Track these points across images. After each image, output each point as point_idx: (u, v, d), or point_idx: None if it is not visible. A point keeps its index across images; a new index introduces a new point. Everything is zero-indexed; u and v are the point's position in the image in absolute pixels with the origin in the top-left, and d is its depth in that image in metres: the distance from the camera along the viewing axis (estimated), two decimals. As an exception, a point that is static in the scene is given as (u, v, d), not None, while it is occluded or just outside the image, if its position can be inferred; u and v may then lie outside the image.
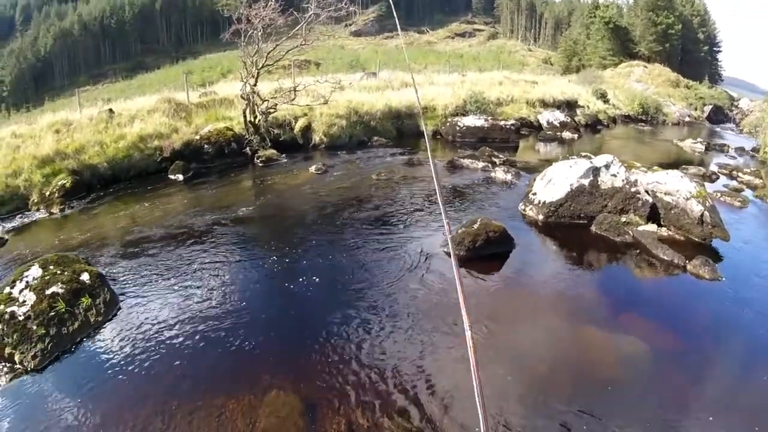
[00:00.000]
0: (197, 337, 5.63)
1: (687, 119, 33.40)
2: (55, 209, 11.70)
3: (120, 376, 5.08)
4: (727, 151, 20.27)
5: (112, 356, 5.45)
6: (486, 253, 7.47)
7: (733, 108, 41.50)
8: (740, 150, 20.52)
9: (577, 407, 4.56)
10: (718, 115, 37.54)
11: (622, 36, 58.90)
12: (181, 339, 5.63)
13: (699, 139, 21.45)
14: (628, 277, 7.47)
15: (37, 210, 11.87)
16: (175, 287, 6.91)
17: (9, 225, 11.03)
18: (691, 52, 57.73)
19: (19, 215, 11.69)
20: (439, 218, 9.15)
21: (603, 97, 28.66)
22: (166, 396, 4.70)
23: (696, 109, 37.62)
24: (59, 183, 12.39)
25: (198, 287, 6.86)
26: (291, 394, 4.62)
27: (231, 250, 8.12)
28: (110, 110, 16.69)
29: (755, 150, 20.33)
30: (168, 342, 5.59)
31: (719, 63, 65.96)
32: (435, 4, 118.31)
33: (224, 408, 4.48)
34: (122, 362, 5.31)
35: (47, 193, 12.15)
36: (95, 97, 25.50)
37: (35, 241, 9.76)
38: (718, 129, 30.86)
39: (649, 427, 4.43)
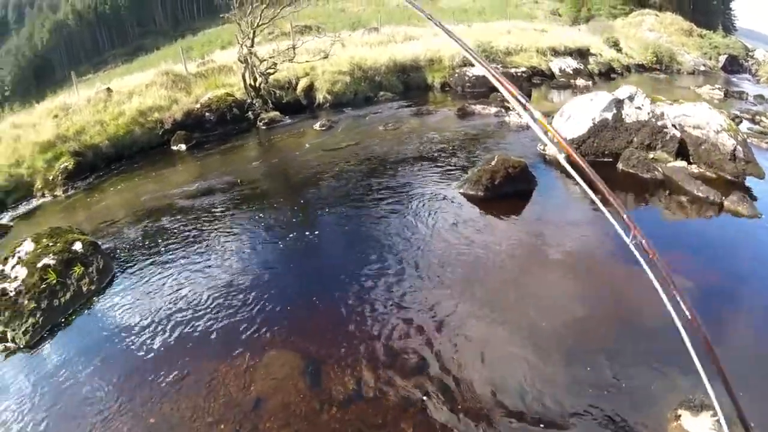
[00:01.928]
0: (192, 301, 5.32)
1: (702, 68, 31.93)
2: (59, 192, 11.62)
3: (109, 346, 4.85)
4: (746, 99, 19.28)
5: (103, 326, 5.23)
6: (506, 191, 6.98)
7: (749, 58, 40.02)
8: (760, 98, 19.54)
9: (614, 349, 4.13)
10: (734, 65, 35.87)
11: (631, -16, 57.55)
12: (174, 304, 5.33)
13: (717, 86, 20.41)
14: (662, 215, 6.92)
15: (42, 195, 11.80)
16: (175, 254, 6.61)
17: (14, 213, 11.05)
18: (703, 1, 55.84)
19: (25, 202, 11.67)
20: (453, 162, 8.68)
21: (615, 45, 27.76)
22: (155, 363, 4.41)
23: (710, 58, 35.90)
24: (62, 166, 12.29)
25: (198, 252, 6.55)
26: (291, 353, 4.24)
27: (234, 213, 7.77)
28: (108, 89, 16.51)
29: (775, 98, 19.42)
30: (160, 308, 5.30)
31: (732, 12, 63.70)
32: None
33: (216, 373, 4.13)
34: (112, 331, 5.07)
35: (50, 177, 12.07)
36: (95, 82, 25.21)
37: (39, 224, 9.53)
38: (734, 78, 29.70)
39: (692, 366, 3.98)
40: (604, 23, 37.83)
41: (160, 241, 7.06)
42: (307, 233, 6.55)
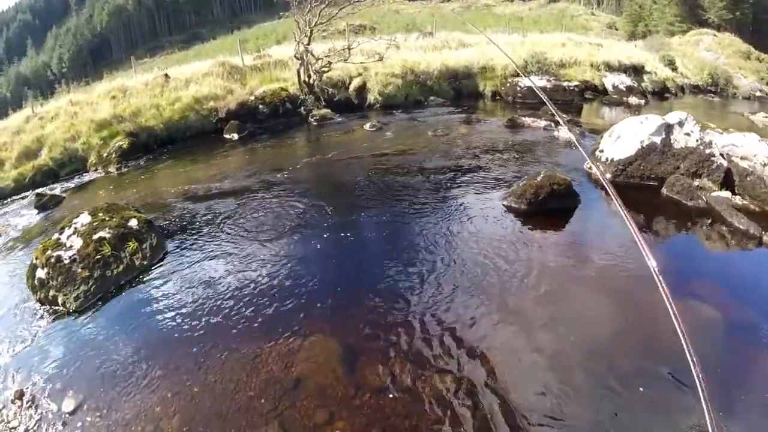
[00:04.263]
0: (241, 284, 5.52)
1: (758, 93, 30.43)
2: (112, 168, 12.14)
3: (158, 318, 5.08)
4: (803, 128, 18.71)
5: (152, 299, 5.46)
6: (549, 207, 6.96)
7: (811, 86, 38.36)
8: (818, 128, 18.95)
9: (642, 373, 4.07)
10: (794, 92, 34.75)
11: (690, 2, 56.21)
12: (223, 284, 5.55)
13: (772, 113, 19.80)
14: (700, 244, 6.73)
15: (95, 170, 12.39)
16: (224, 237, 6.84)
17: (67, 185, 11.54)
18: (764, 22, 53.66)
19: (78, 176, 12.27)
20: (497, 173, 8.70)
21: (671, 64, 26.90)
22: (202, 338, 4.63)
23: (768, 83, 35.02)
24: (116, 144, 12.83)
25: (247, 238, 6.76)
26: (331, 341, 4.42)
27: (283, 204, 7.94)
28: (166, 75, 17.25)
29: (839, 129, 18.73)
30: (210, 287, 5.51)
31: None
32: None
33: (260, 352, 4.33)
34: (162, 305, 5.30)
35: (104, 155, 12.64)
36: (152, 67, 25.92)
37: (90, 197, 10.08)
38: (794, 105, 28.82)
39: (719, 399, 3.81)
40: (660, 40, 36.63)
41: (209, 224, 7.31)
42: (350, 231, 6.68)
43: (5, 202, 11.34)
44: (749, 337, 4.60)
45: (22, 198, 11.22)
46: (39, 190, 11.07)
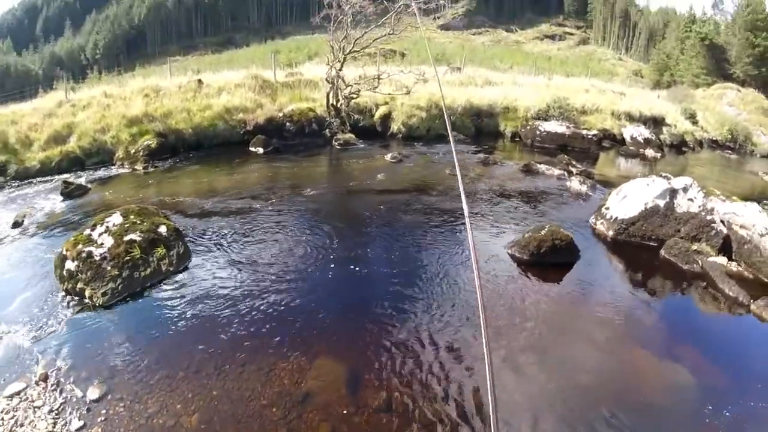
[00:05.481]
0: (258, 299, 5.91)
1: None
2: (139, 166, 12.43)
3: (180, 322, 5.44)
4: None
5: (176, 304, 5.82)
6: (550, 261, 7.33)
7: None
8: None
9: (614, 425, 4.39)
10: (813, 154, 34.61)
11: (717, 55, 56.30)
12: (243, 298, 5.93)
13: (787, 175, 19.76)
14: (689, 308, 7.01)
15: (121, 165, 12.67)
16: (244, 251, 7.25)
17: (93, 176, 11.80)
18: None
19: (104, 168, 12.54)
20: (505, 221, 9.07)
21: (692, 117, 26.92)
22: (221, 347, 5.00)
23: (788, 143, 34.83)
24: (145, 143, 13.18)
25: (265, 254, 7.17)
26: (339, 363, 4.82)
27: (300, 223, 8.39)
28: (199, 80, 17.61)
29: None
30: (230, 299, 5.90)
31: (822, 95, 61.65)
32: (526, 2, 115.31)
33: (275, 366, 4.72)
34: (184, 310, 5.67)
35: (132, 151, 12.96)
36: (185, 67, 26.46)
37: (116, 192, 10.39)
38: (811, 168, 28.65)
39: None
40: (684, 92, 36.42)
41: (230, 239, 7.69)
42: (361, 264, 7.06)
43: (30, 182, 11.59)
44: (722, 403, 4.85)
45: (47, 182, 11.45)
46: (65, 177, 11.29)
